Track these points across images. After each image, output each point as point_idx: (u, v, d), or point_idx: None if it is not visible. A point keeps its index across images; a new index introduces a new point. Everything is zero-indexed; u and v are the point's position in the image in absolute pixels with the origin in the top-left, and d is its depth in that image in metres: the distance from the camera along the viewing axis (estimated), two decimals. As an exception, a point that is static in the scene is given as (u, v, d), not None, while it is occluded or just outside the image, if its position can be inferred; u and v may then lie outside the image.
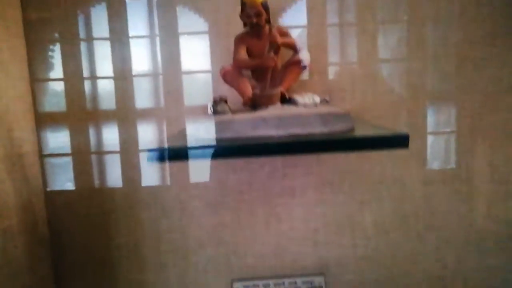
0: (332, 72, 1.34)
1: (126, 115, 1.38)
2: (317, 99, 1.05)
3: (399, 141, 0.81)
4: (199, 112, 1.35)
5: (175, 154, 0.86)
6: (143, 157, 1.39)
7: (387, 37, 1.32)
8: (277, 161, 1.38)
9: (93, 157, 1.41)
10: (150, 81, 1.38)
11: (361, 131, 0.91)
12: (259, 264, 1.42)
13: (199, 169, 1.40)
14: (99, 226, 1.42)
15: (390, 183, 1.38)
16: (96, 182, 1.41)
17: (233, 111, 1.02)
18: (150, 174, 1.40)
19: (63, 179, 1.41)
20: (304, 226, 1.40)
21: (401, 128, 1.34)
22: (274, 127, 0.86)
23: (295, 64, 1.13)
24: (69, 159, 1.40)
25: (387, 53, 1.33)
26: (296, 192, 1.39)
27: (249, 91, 1.08)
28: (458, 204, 1.38)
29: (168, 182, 1.40)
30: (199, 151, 0.83)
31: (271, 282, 1.43)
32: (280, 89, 1.08)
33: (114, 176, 1.40)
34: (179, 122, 1.37)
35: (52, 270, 1.41)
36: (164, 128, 1.39)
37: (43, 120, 1.38)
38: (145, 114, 1.38)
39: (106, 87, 1.38)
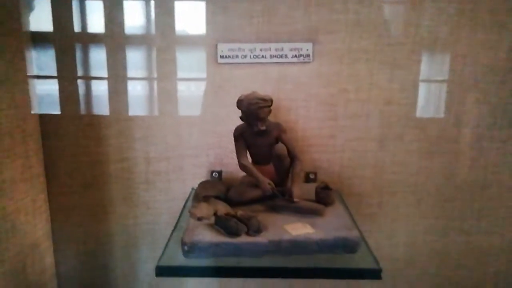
0: None
1: (114, 39, 1.34)
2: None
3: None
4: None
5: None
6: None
7: None
8: None
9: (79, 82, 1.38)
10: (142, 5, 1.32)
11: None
12: (245, 25, 1.35)
13: None
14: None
15: None
16: (82, 108, 1.39)
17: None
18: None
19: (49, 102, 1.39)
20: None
21: None
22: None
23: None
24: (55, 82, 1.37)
25: None
26: None
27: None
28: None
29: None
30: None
31: (257, 46, 1.38)
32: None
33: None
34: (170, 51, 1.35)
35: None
36: (154, 55, 1.34)
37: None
38: (135, 41, 1.35)
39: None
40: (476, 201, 1.47)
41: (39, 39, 1.36)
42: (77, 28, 1.35)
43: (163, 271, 0.90)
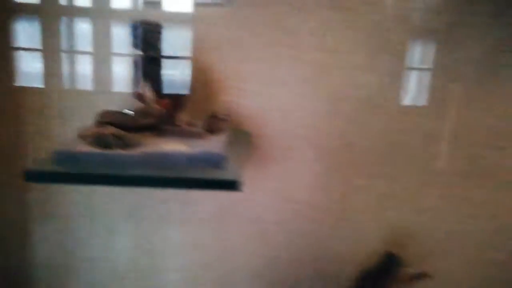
0: None
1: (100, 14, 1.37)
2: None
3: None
4: None
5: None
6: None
7: None
8: None
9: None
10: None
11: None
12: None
13: None
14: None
15: None
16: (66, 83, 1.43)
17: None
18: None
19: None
20: None
21: None
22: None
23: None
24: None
25: None
26: None
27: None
28: None
29: None
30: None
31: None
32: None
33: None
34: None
35: None
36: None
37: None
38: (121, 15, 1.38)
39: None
40: (377, 149, 1.53)
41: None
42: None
43: (31, 176, 0.94)
